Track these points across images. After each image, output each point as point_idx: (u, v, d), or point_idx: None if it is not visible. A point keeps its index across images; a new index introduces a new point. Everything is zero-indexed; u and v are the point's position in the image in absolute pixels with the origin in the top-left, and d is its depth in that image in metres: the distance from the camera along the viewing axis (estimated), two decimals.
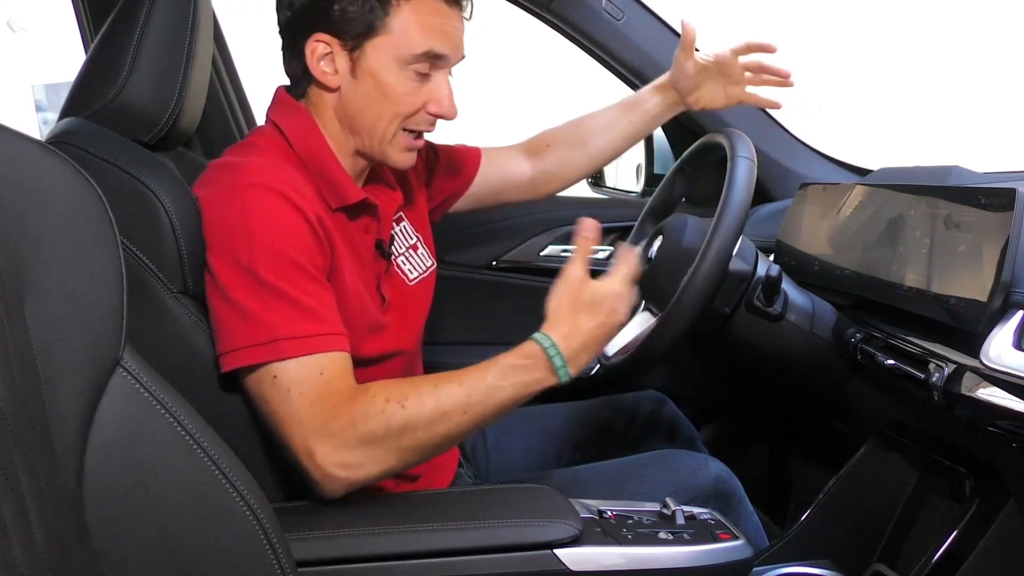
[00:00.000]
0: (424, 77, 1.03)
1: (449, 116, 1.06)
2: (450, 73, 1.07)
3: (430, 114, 1.05)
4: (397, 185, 1.19)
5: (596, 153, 1.40)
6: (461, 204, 1.37)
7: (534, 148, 1.40)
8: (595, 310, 0.97)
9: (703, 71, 1.33)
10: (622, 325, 1.01)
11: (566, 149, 1.39)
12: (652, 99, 1.38)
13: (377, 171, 1.16)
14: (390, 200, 1.16)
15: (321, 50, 1.03)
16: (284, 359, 0.92)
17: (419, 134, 1.08)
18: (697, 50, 1.33)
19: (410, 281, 1.18)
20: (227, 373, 0.95)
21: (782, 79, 1.32)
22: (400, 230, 1.19)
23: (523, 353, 0.95)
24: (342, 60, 1.03)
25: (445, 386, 0.93)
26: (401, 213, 1.20)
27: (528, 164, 1.40)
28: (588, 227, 0.99)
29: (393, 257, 1.15)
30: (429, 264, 1.23)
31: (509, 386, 0.94)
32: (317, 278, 0.97)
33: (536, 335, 0.96)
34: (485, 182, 1.37)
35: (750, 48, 1.31)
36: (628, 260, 1.01)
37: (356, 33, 1.01)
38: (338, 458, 0.91)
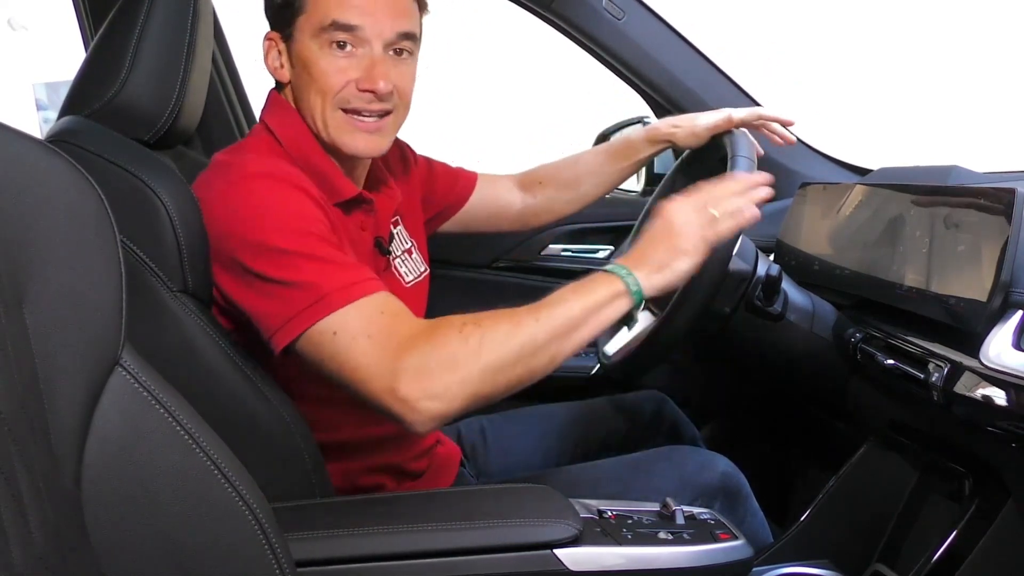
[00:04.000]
0: (347, 53, 1.02)
1: (372, 88, 1.02)
2: (401, 54, 1.05)
3: (361, 90, 1.03)
4: (395, 185, 1.19)
5: (585, 194, 1.42)
6: (452, 225, 1.38)
7: (527, 182, 1.43)
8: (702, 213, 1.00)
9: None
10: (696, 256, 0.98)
11: (558, 188, 1.42)
12: (646, 150, 1.38)
13: (375, 171, 1.16)
14: (388, 198, 1.16)
15: (268, 47, 1.07)
16: (337, 310, 0.91)
17: (360, 112, 1.04)
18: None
19: (406, 284, 1.18)
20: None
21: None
22: (397, 232, 1.19)
23: (589, 277, 0.96)
24: (283, 51, 1.06)
25: (517, 309, 0.93)
26: (398, 216, 1.20)
27: (519, 196, 1.42)
28: None
29: (392, 257, 1.15)
30: (423, 269, 1.23)
31: (578, 302, 0.93)
32: (335, 243, 0.96)
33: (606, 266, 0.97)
34: (478, 205, 1.39)
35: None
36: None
37: (286, 20, 1.04)
38: (422, 389, 0.88)
